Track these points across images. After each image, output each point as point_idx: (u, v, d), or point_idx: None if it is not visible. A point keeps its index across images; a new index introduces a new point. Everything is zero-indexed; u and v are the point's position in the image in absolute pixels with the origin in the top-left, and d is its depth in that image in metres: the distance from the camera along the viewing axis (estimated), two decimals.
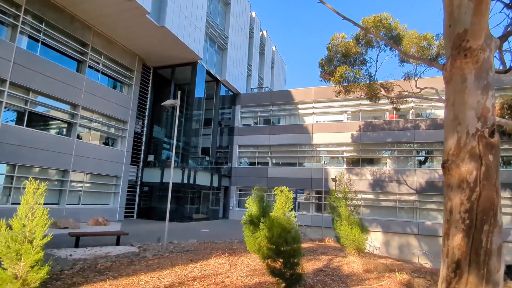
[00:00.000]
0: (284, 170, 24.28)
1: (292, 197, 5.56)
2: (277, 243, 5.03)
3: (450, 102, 3.09)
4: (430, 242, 20.31)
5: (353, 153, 23.32)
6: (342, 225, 9.57)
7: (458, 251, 2.75)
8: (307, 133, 24.12)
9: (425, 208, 21.04)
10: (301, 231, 20.32)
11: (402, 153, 22.41)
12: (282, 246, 5.01)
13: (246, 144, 25.94)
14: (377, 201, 21.87)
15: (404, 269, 8.87)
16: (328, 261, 8.81)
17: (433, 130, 21.43)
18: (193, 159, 22.12)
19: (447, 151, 3.06)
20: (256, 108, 26.56)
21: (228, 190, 25.52)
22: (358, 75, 14.95)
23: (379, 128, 22.60)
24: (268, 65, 35.87)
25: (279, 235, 5.02)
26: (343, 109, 24.00)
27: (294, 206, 19.51)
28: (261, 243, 5.35)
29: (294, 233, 5.10)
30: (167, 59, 20.61)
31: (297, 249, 4.99)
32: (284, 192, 5.51)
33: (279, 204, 5.45)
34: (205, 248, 10.00)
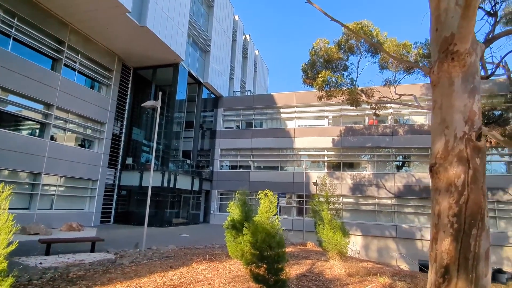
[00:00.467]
0: (266, 174, 24.22)
1: (276, 200, 5.45)
2: (261, 249, 4.90)
3: (437, 105, 3.08)
4: (408, 245, 20.77)
5: (334, 157, 23.60)
6: (325, 229, 9.55)
7: (447, 256, 2.72)
8: (289, 137, 24.20)
9: (403, 212, 21.53)
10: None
11: (381, 158, 22.89)
12: (266, 252, 4.88)
13: (228, 147, 25.71)
14: (357, 205, 22.19)
15: (385, 273, 8.94)
16: (310, 265, 8.75)
17: (410, 135, 22.01)
18: (173, 162, 21.66)
19: (434, 154, 3.04)
20: (239, 111, 26.43)
21: (209, 194, 25.15)
22: (340, 80, 15.15)
23: (359, 133, 23.00)
24: (250, 69, 35.88)
25: (263, 240, 4.89)
26: (325, 114, 24.28)
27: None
28: (245, 249, 5.19)
29: (279, 238, 4.98)
30: (148, 60, 20.14)
31: (281, 254, 4.87)
32: (269, 196, 5.40)
33: (263, 208, 5.32)
34: (185, 254, 9.71)
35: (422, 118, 22.76)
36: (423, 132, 21.79)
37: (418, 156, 22.31)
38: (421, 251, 20.57)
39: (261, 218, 5.20)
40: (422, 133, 21.77)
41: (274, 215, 5.24)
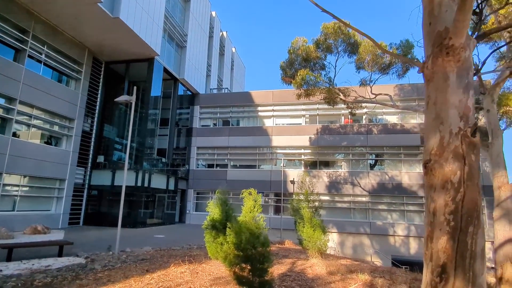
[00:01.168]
0: (244, 173, 24.02)
1: (261, 199, 5.27)
2: (245, 250, 4.70)
3: (431, 101, 3.01)
4: (381, 241, 21.37)
5: (310, 155, 23.82)
6: (305, 227, 9.51)
7: (444, 255, 2.65)
8: (267, 135, 24.14)
9: (377, 209, 22.12)
10: None
11: (356, 156, 23.38)
12: (251, 253, 4.68)
13: (204, 145, 25.25)
14: (333, 202, 22.53)
15: (364, 270, 9.03)
16: (291, 264, 8.67)
17: (384, 134, 22.64)
18: (147, 161, 20.91)
19: (429, 150, 2.97)
20: (216, 109, 26.02)
21: (185, 193, 24.59)
22: (318, 79, 15.23)
23: (335, 132, 23.35)
24: (227, 66, 35.49)
25: (248, 241, 4.69)
26: (302, 113, 24.44)
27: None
28: (228, 250, 4.97)
29: (263, 238, 4.80)
30: (121, 54, 19.27)
31: (266, 255, 4.70)
32: (253, 194, 5.21)
33: (247, 207, 5.12)
34: (162, 256, 9.32)
35: (395, 118, 23.47)
36: (396, 131, 22.47)
37: (391, 155, 22.99)
38: (394, 246, 21.24)
39: (245, 217, 5.00)
40: (395, 133, 22.45)
41: (259, 214, 5.06)
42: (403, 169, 22.26)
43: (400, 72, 16.74)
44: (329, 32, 15.77)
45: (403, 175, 21.87)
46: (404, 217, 21.59)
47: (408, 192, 21.57)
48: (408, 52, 15.60)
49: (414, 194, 21.49)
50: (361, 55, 16.21)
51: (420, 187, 21.42)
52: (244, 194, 5.32)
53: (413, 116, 23.06)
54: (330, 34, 15.81)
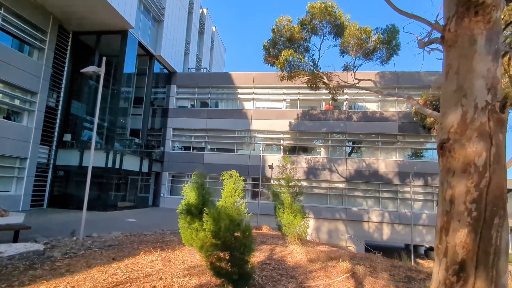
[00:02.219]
0: (221, 156, 23.41)
1: (243, 183, 4.76)
2: (224, 238, 4.19)
3: (452, 70, 2.53)
4: (356, 227, 21.71)
5: (290, 141, 23.53)
6: (285, 213, 9.16)
7: (463, 250, 2.23)
8: (246, 118, 23.53)
9: (353, 195, 22.36)
10: None
11: (335, 143, 23.37)
12: (231, 241, 4.18)
13: (181, 127, 24.27)
14: (311, 188, 22.51)
15: (342, 256, 8.84)
16: (270, 251, 8.31)
17: (363, 122, 22.67)
18: (120, 141, 19.78)
19: (447, 128, 2.51)
20: (194, 89, 24.96)
21: (160, 176, 23.71)
22: (302, 60, 14.69)
23: (315, 117, 23.11)
24: (207, 45, 34.11)
25: (227, 228, 4.18)
26: (283, 97, 23.95)
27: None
28: (204, 238, 4.44)
29: (245, 226, 4.31)
30: (91, 24, 17.73)
31: (248, 244, 4.22)
32: (234, 177, 4.67)
33: (227, 191, 4.59)
34: (132, 242, 8.67)
35: (375, 106, 23.53)
36: (375, 119, 22.55)
37: (369, 142, 23.13)
38: (368, 232, 21.65)
39: (225, 203, 4.46)
40: (374, 120, 22.53)
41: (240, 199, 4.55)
42: (380, 156, 22.51)
43: (383, 58, 16.48)
44: (315, 13, 15.15)
45: (380, 163, 22.12)
46: (379, 204, 21.97)
47: (383, 180, 21.89)
48: (393, 38, 15.34)
49: (390, 181, 21.84)
50: (346, 39, 15.77)
51: (395, 175, 21.78)
52: (225, 177, 4.77)
53: (392, 105, 23.20)
54: (316, 14, 15.19)
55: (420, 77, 22.23)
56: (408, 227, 20.95)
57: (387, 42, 15.54)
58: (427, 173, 21.52)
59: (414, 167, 21.48)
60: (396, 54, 16.12)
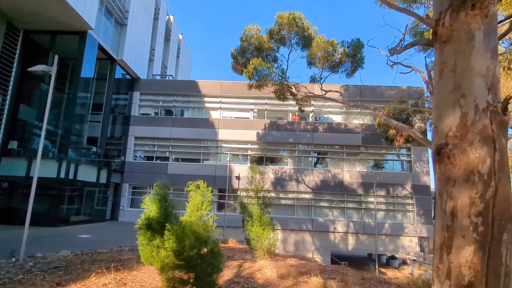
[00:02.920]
0: (186, 167, 22.49)
1: (211, 195, 4.27)
2: (189, 259, 3.64)
3: (448, 68, 2.28)
4: (322, 238, 21.72)
5: (257, 151, 23.26)
6: (254, 225, 8.70)
7: (470, 271, 1.92)
8: (213, 128, 22.94)
9: (319, 206, 22.44)
10: None
11: (302, 154, 23.47)
12: (196, 262, 3.64)
13: (144, 135, 23.07)
14: (278, 199, 22.26)
15: (313, 270, 8.53)
16: (238, 268, 7.78)
17: (329, 133, 23.05)
18: (75, 150, 18.26)
19: (444, 132, 2.24)
20: (158, 96, 23.96)
21: (119, 187, 22.20)
22: (271, 70, 14.56)
23: (282, 128, 23.12)
24: (173, 53, 33.25)
25: (192, 247, 3.64)
26: (250, 107, 23.74)
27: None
28: (166, 259, 3.86)
29: (213, 243, 3.80)
30: (46, 22, 16.35)
31: (216, 264, 3.70)
32: (201, 188, 4.17)
33: (193, 204, 4.06)
34: (83, 262, 7.70)
35: (339, 118, 24.06)
36: (340, 130, 23.03)
37: (334, 153, 23.50)
38: (333, 243, 21.74)
39: (191, 217, 3.93)
40: (339, 132, 22.99)
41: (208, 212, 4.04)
42: (345, 167, 22.92)
43: (349, 71, 16.83)
44: (284, 23, 15.21)
45: (345, 173, 22.50)
46: (344, 214, 22.23)
47: (348, 190, 22.25)
48: (358, 51, 15.77)
49: (354, 192, 22.24)
50: (313, 51, 15.95)
51: (359, 185, 22.24)
52: (190, 188, 4.24)
53: (356, 117, 23.88)
54: (285, 25, 15.25)
55: (381, 91, 23.18)
56: (372, 237, 21.35)
57: (352, 56, 15.92)
58: (388, 183, 22.22)
59: (377, 178, 22.09)
60: (361, 68, 16.53)
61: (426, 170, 22.47)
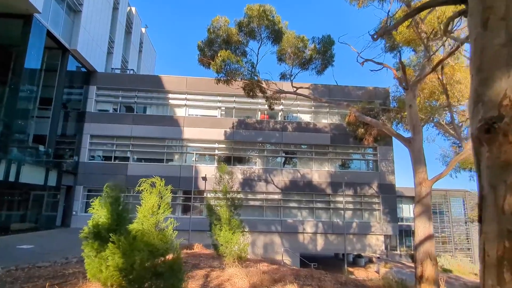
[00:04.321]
0: (148, 167, 20.98)
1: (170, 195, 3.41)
2: (140, 279, 2.76)
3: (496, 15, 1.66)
4: (291, 239, 21.31)
5: (225, 150, 22.37)
6: (222, 229, 7.87)
7: None
8: (177, 126, 21.68)
9: (288, 207, 22.03)
10: None
11: (271, 153, 22.95)
12: (151, 283, 2.77)
13: (101, 134, 21.22)
14: (246, 200, 21.48)
15: (287, 276, 7.89)
16: (204, 278, 6.91)
17: (298, 132, 22.75)
18: (19, 149, 16.22)
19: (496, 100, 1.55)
20: (117, 92, 22.21)
21: (72, 190, 20.19)
22: (240, 63, 13.80)
23: (251, 127, 22.44)
24: (135, 47, 31.33)
25: (144, 264, 2.77)
26: (218, 104, 22.80)
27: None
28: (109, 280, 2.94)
29: (173, 258, 2.94)
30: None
31: (176, 285, 2.85)
32: (158, 187, 3.30)
33: (147, 207, 3.18)
34: (15, 280, 6.41)
35: (308, 117, 23.88)
36: (309, 130, 22.83)
37: (303, 153, 23.25)
38: (302, 244, 21.42)
39: (143, 224, 3.05)
40: (308, 131, 22.78)
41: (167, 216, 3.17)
42: (314, 167, 22.74)
43: (319, 68, 16.53)
44: (253, 15, 14.52)
45: (314, 173, 22.31)
46: (313, 214, 22.01)
47: (317, 190, 22.07)
48: (328, 48, 15.49)
49: (323, 191, 22.11)
50: (283, 46, 15.45)
51: (328, 185, 22.15)
52: (143, 186, 3.35)
53: (325, 116, 23.84)
54: (254, 17, 14.56)
55: (349, 91, 23.33)
56: (340, 237, 21.32)
57: (322, 53, 15.61)
58: (356, 183, 22.36)
59: (345, 177, 22.14)
60: (331, 65, 16.28)
61: (391, 169, 22.93)
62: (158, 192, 3.28)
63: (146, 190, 3.31)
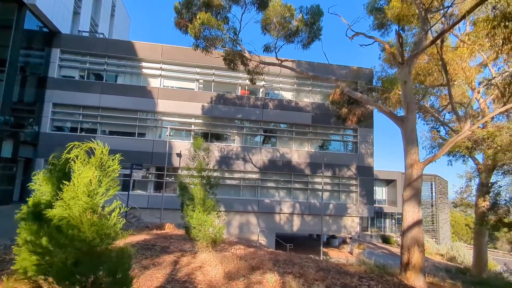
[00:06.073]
0: (119, 141, 19.49)
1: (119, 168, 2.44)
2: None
3: None
4: (267, 219, 20.89)
5: (202, 126, 21.18)
6: (196, 211, 6.97)
7: None
8: (151, 98, 20.14)
9: (266, 186, 21.45)
10: (134, 216, 16.58)
11: (250, 131, 22.04)
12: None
13: (65, 102, 19.32)
14: (223, 179, 20.65)
15: (265, 262, 7.20)
16: (173, 265, 6.05)
17: (279, 110, 21.87)
18: None
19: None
20: (85, 57, 20.14)
21: (32, 163, 18.47)
22: (221, 29, 12.49)
23: (230, 102, 21.29)
24: (106, 10, 28.62)
25: (67, 268, 1.81)
26: (196, 77, 21.33)
27: (128, 185, 15.06)
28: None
29: (117, 256, 2.01)
30: None
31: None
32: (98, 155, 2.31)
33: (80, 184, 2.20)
34: None
35: (290, 95, 22.99)
36: (291, 108, 22.01)
37: (283, 132, 22.51)
38: (279, 224, 21.07)
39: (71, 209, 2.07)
40: (289, 109, 21.95)
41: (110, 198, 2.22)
42: (294, 147, 22.13)
43: (305, 42, 15.49)
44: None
45: (293, 153, 21.73)
46: (290, 195, 21.60)
47: (296, 170, 21.58)
48: (316, 19, 14.44)
49: (301, 172, 21.65)
50: (268, 15, 14.20)
51: (307, 166, 21.69)
52: (74, 153, 2.35)
53: (307, 95, 23.04)
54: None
55: (333, 69, 22.52)
56: (316, 217, 21.14)
57: (310, 24, 14.54)
58: (335, 164, 22.05)
59: (324, 158, 21.73)
60: (318, 39, 15.31)
61: (371, 152, 22.76)
62: (99, 163, 2.30)
63: (78, 159, 2.32)
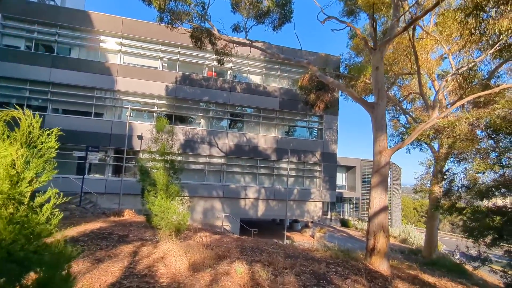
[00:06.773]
0: (72, 121, 17.88)
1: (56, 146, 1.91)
2: None
3: None
4: (232, 204, 20.66)
5: (165, 108, 20.12)
6: (158, 197, 6.44)
7: None
8: (110, 75, 18.63)
9: (231, 171, 21.12)
10: (90, 201, 15.49)
11: (217, 114, 21.39)
12: None
13: (8, 75, 17.24)
14: (187, 163, 19.96)
15: (231, 250, 6.92)
16: (132, 256, 5.53)
17: (247, 94, 21.39)
18: None
19: None
20: (32, 25, 17.99)
21: None
22: (188, 2, 11.62)
23: (197, 83, 20.38)
24: None
25: None
26: (159, 54, 20.04)
27: (83, 169, 13.95)
28: None
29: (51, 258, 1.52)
30: None
31: None
32: (24, 128, 1.76)
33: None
34: None
35: (258, 79, 22.55)
36: (259, 92, 21.61)
37: (251, 116, 22.13)
38: (244, 209, 20.95)
39: None
40: (257, 94, 21.55)
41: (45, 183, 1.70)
42: (260, 132, 21.89)
43: (276, 23, 15.04)
44: None
45: (260, 138, 21.50)
46: (256, 180, 21.49)
47: (262, 156, 21.43)
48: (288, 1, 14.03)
49: (268, 157, 21.55)
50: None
51: (273, 151, 21.62)
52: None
53: (275, 80, 22.74)
54: None
55: (302, 55, 22.31)
56: (281, 203, 21.32)
57: (281, 6, 14.09)
58: (300, 150, 22.22)
59: (290, 144, 21.79)
60: (289, 22, 14.92)
61: (335, 139, 23.20)
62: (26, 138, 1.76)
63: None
